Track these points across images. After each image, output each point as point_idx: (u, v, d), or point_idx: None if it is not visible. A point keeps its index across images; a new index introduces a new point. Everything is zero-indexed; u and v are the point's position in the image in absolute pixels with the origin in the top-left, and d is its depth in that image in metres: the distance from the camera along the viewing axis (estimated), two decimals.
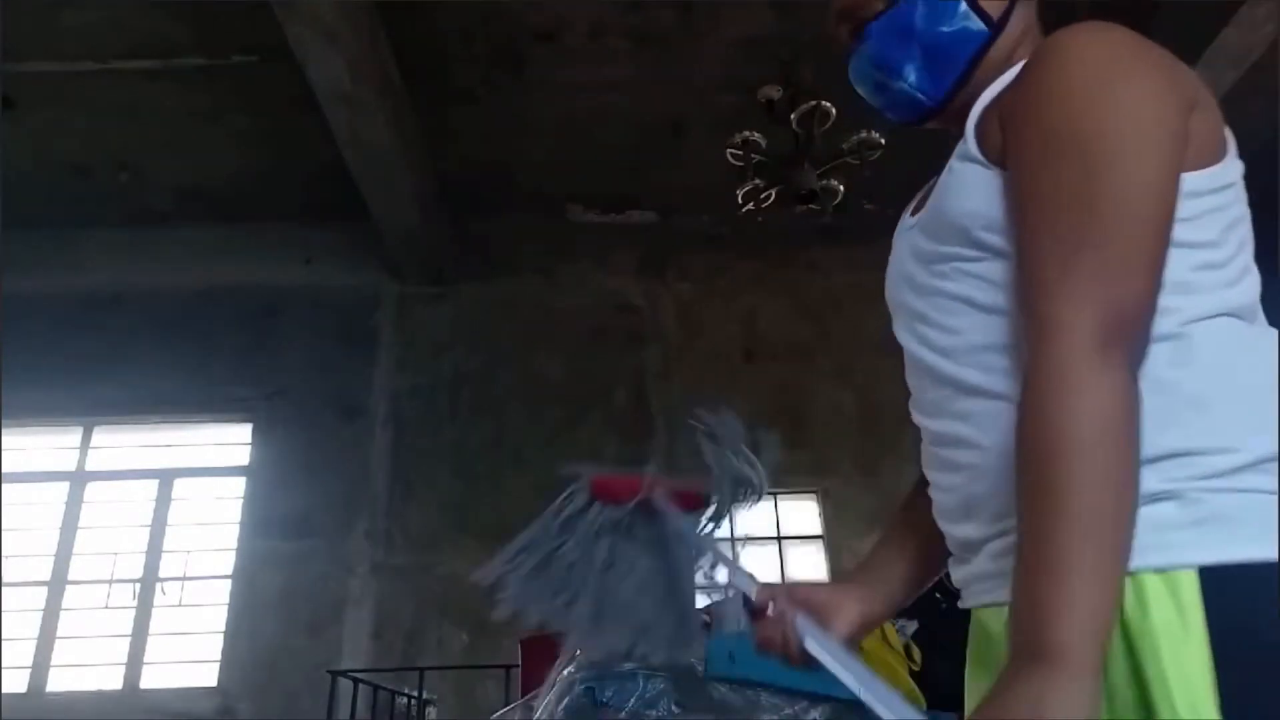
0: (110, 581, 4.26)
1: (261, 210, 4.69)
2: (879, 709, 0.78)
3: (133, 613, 4.19)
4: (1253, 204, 0.82)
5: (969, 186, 0.80)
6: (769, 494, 0.88)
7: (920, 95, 0.91)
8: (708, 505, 0.88)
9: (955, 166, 0.84)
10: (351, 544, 4.31)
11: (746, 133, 3.46)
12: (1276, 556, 0.62)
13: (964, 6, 0.89)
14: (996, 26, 0.87)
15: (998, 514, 0.73)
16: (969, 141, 0.82)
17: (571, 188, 4.79)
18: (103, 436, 4.58)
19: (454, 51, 3.77)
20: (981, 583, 0.78)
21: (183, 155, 4.34)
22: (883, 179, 3.86)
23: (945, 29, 0.90)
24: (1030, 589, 0.61)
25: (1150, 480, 0.64)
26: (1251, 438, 0.66)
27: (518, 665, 3.16)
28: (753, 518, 0.93)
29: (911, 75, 0.91)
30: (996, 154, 0.78)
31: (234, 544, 4.31)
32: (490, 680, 3.76)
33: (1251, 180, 0.85)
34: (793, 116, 3.48)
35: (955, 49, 0.89)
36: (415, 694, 3.49)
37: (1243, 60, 3.42)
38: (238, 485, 4.47)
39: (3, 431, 4.12)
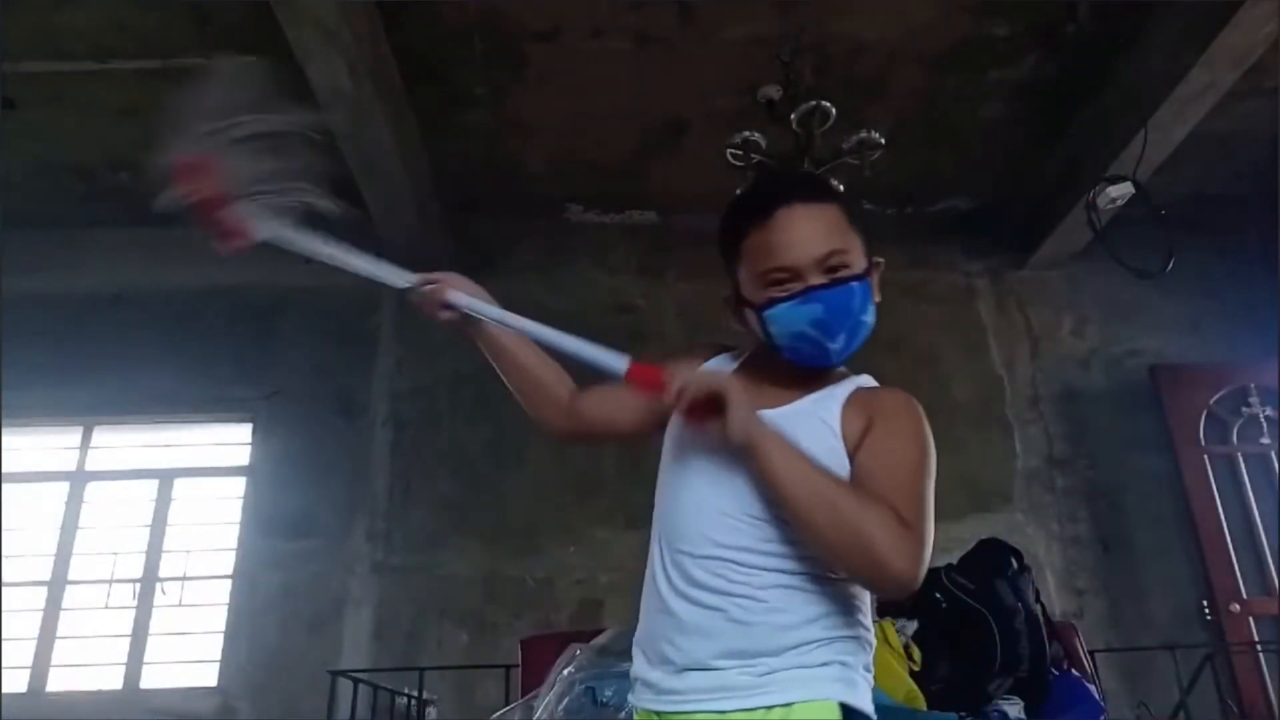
0: (110, 581, 4.26)
1: None
2: (557, 341, 1.26)
3: (133, 613, 4.19)
4: (1253, 204, 0.82)
5: (821, 447, 1.13)
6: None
7: (834, 358, 1.21)
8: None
9: (808, 419, 1.17)
10: (351, 544, 4.31)
11: (746, 133, 3.46)
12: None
13: (873, 306, 1.23)
14: None
15: (741, 653, 1.09)
16: (833, 420, 1.16)
17: (571, 188, 4.79)
18: (103, 436, 4.58)
19: (454, 51, 3.76)
20: (702, 695, 1.09)
21: None
22: (883, 179, 3.87)
23: (866, 319, 1.22)
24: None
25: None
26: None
27: (518, 665, 3.16)
28: None
29: (840, 341, 1.19)
30: (852, 440, 1.15)
31: (234, 544, 4.31)
32: (490, 680, 3.76)
33: (1252, 180, 0.85)
34: (793, 116, 3.48)
35: (864, 334, 1.22)
36: (415, 694, 3.49)
37: (1243, 60, 3.42)
38: (238, 485, 4.47)
39: (3, 431, 4.12)
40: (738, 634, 1.08)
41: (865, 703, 1.09)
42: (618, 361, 1.17)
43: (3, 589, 4.00)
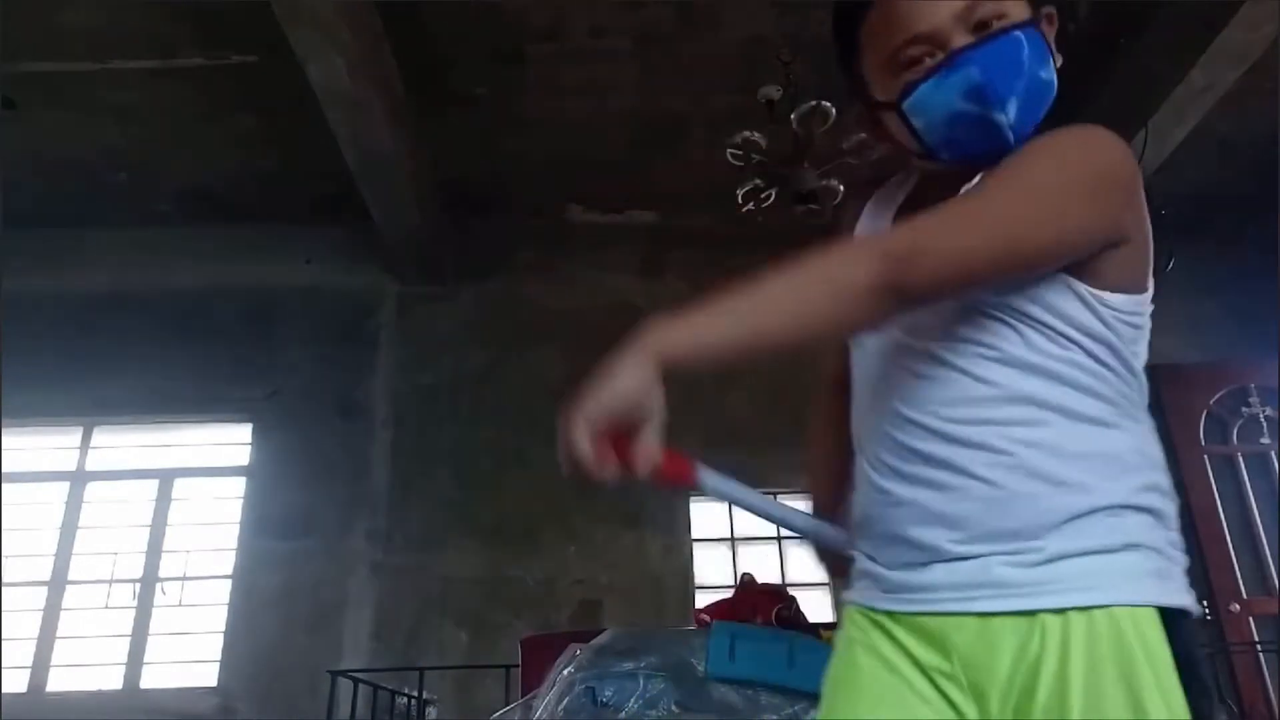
0: (110, 581, 4.26)
1: (261, 210, 4.70)
2: (791, 519, 1.04)
3: (133, 613, 4.19)
4: (1253, 203, 0.83)
5: None
6: (769, 493, 0.98)
7: (1010, 135, 0.90)
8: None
9: None
10: (351, 544, 4.31)
11: (746, 133, 3.46)
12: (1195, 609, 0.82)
13: (1052, 61, 0.95)
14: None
15: (995, 534, 0.83)
16: None
17: (571, 188, 4.79)
18: (103, 436, 4.58)
19: (454, 51, 3.76)
20: (952, 591, 0.85)
21: (183, 155, 4.34)
22: (883, 179, 3.87)
23: (1044, 75, 0.93)
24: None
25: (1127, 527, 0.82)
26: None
27: (518, 665, 3.15)
28: (753, 518, 1.04)
29: (1012, 109, 0.89)
30: None
31: (234, 544, 4.31)
32: (490, 680, 3.76)
33: (1252, 180, 0.86)
34: (793, 116, 3.48)
35: (1045, 97, 0.94)
36: (415, 694, 3.49)
37: (1243, 60, 3.42)
38: (238, 485, 4.46)
39: (3, 431, 4.12)
40: (983, 510, 0.83)
41: (1185, 598, 0.81)
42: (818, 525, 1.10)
43: (3, 589, 3.99)
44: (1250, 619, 4.10)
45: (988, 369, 0.85)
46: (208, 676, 4.10)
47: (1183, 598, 0.81)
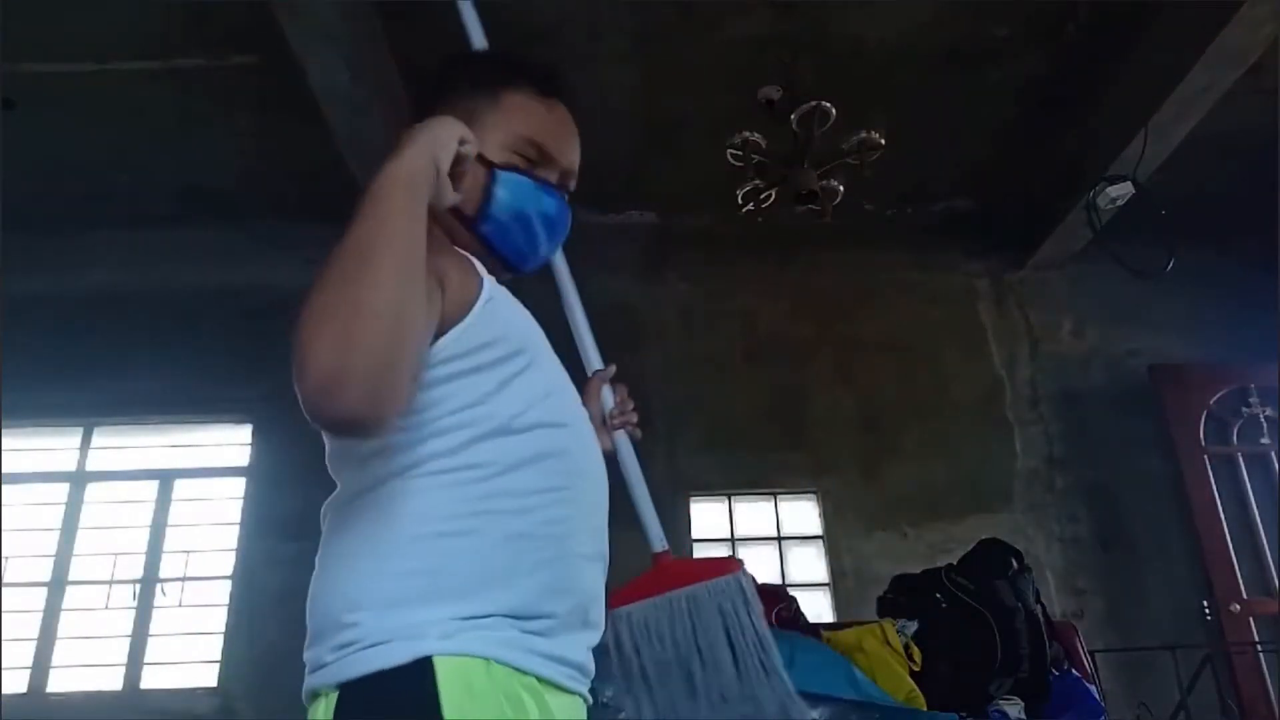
0: (110, 582, 4.26)
1: (261, 210, 4.70)
2: None
3: (133, 613, 4.19)
4: (1253, 204, 0.83)
5: None
6: (768, 494, 1.04)
7: (529, 265, 1.17)
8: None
9: None
10: None
11: (746, 133, 3.46)
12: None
13: None
14: None
15: None
16: None
17: None
18: (103, 437, 4.58)
19: (454, 52, 3.76)
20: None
21: (183, 155, 4.34)
22: (883, 179, 3.87)
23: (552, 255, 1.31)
24: None
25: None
26: None
27: None
28: (753, 518, 1.10)
29: (547, 250, 1.20)
30: None
31: (234, 544, 4.31)
32: None
33: (1252, 180, 0.85)
34: (793, 116, 3.48)
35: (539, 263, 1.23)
36: None
37: (1243, 60, 3.42)
38: (238, 486, 4.46)
39: (3, 431, 4.12)
40: None
41: None
42: None
43: (3, 589, 3.99)
44: (1250, 619, 4.10)
45: None
46: (208, 677, 4.10)
47: None
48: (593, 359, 1.52)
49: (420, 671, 0.79)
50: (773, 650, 1.31)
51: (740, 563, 1.36)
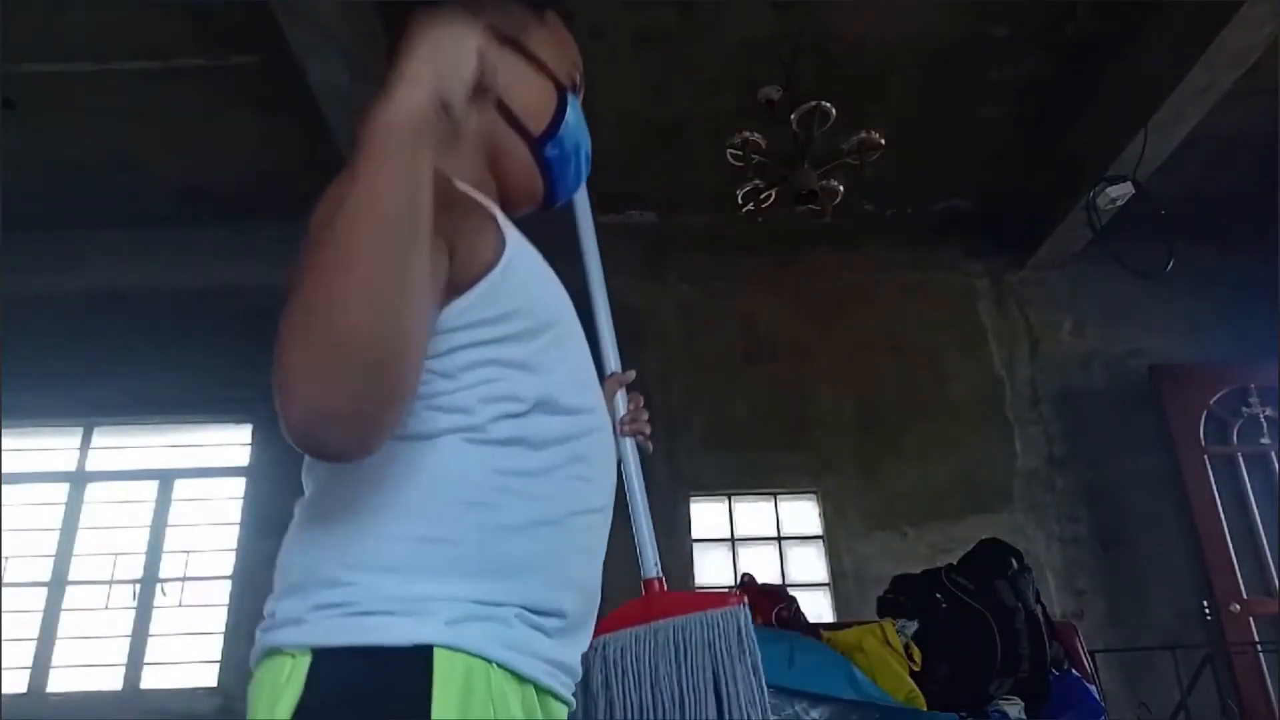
0: (110, 582, 4.26)
1: (261, 210, 4.69)
2: None
3: (133, 613, 4.19)
4: (1253, 203, 0.82)
5: None
6: (768, 494, 1.00)
7: (562, 199, 1.08)
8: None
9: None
10: None
11: (746, 133, 3.46)
12: None
13: None
14: None
15: None
16: None
17: None
18: (103, 437, 4.58)
19: None
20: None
21: (183, 155, 4.34)
22: (883, 179, 3.87)
23: None
24: None
25: None
26: None
27: None
28: (753, 518, 1.06)
29: (576, 184, 1.07)
30: None
31: (234, 544, 4.31)
32: None
33: (1252, 180, 0.85)
34: (793, 116, 3.48)
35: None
36: None
37: (1243, 60, 3.42)
38: (238, 486, 4.46)
39: (3, 431, 4.12)
40: None
41: None
42: None
43: (3, 589, 3.99)
44: (1250, 619, 4.10)
45: None
46: (208, 677, 4.09)
47: None
48: (611, 359, 1.44)
49: (416, 660, 0.70)
50: (767, 713, 1.15)
51: (741, 598, 1.21)
